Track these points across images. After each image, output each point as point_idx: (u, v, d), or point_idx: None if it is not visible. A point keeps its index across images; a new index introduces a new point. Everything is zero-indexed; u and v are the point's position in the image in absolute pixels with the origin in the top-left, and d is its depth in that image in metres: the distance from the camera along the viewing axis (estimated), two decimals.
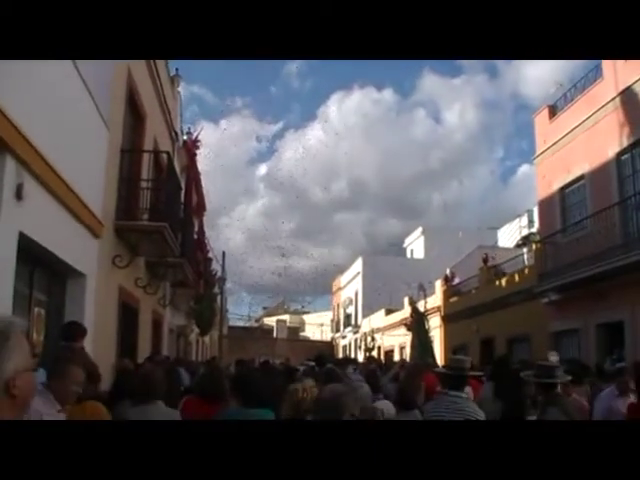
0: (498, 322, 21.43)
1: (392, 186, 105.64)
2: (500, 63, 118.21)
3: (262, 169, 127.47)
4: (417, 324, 24.04)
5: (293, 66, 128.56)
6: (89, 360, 5.88)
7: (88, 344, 7.36)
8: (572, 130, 18.10)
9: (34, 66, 5.92)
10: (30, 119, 5.81)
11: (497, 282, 22.80)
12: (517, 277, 21.23)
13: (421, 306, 25.90)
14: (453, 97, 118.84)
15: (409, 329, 26.18)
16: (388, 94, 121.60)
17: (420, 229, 49.77)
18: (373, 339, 38.79)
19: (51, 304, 7.90)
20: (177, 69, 17.71)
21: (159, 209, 11.44)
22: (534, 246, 21.10)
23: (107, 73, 9.09)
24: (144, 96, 12.17)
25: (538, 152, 20.32)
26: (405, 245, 53.33)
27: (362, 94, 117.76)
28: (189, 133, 19.07)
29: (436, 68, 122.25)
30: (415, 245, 50.45)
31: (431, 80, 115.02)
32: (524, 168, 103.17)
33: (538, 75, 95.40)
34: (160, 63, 13.91)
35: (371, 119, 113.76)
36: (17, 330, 2.00)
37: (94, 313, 8.66)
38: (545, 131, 19.91)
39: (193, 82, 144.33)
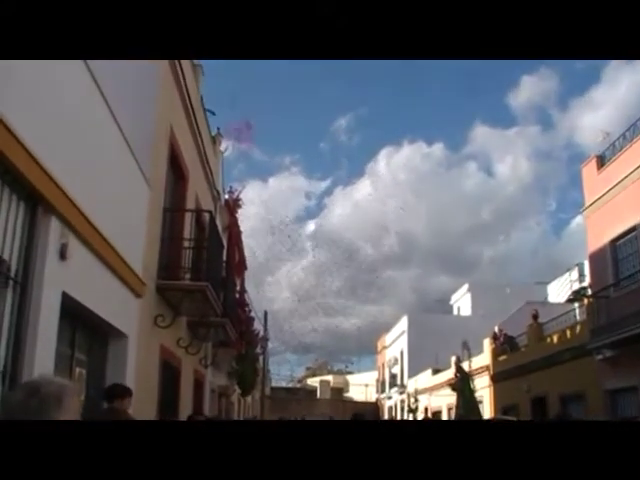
0: (550, 380, 20.87)
1: (442, 241, 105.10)
2: (555, 113, 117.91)
3: (310, 226, 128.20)
4: (461, 383, 23.59)
5: (342, 121, 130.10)
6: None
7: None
8: (621, 180, 17.86)
9: (77, 126, 6.11)
10: (73, 178, 5.96)
11: (548, 339, 22.31)
12: (569, 333, 20.75)
13: (466, 365, 25.44)
14: (505, 149, 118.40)
15: (454, 389, 25.72)
16: (438, 148, 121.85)
17: (466, 285, 49.29)
18: (416, 400, 38.16)
19: (92, 364, 7.95)
20: (218, 128, 18.07)
21: (201, 268, 11.55)
22: (585, 301, 20.66)
23: (149, 132, 9.33)
24: (186, 155, 12.43)
25: (587, 204, 20.07)
26: (452, 302, 52.76)
27: (412, 149, 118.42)
28: (231, 192, 19.39)
29: (488, 120, 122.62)
30: (462, 302, 49.90)
31: (483, 132, 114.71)
32: (578, 220, 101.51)
33: (593, 124, 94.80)
34: (201, 121, 14.24)
35: (421, 174, 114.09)
36: (70, 393, 2.12)
37: (135, 373, 8.69)
38: (594, 182, 19.69)
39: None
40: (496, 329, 29.11)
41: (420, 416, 36.54)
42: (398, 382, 46.37)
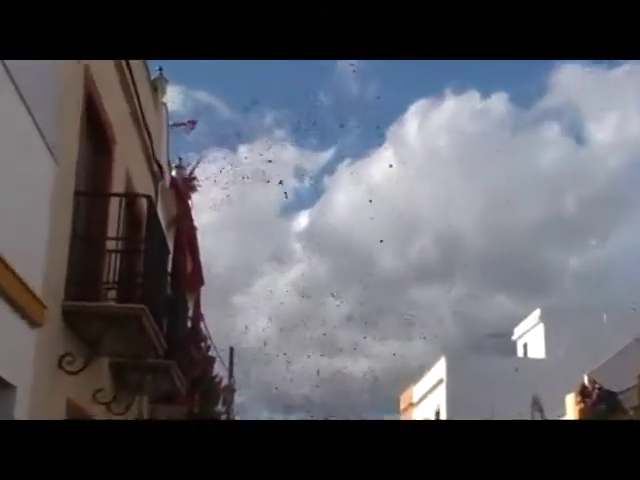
0: None
1: (502, 245, 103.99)
2: None
3: (302, 220, 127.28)
4: None
5: (349, 64, 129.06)
6: None
7: None
8: None
9: None
10: None
11: None
12: None
13: None
14: (607, 100, 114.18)
15: None
16: (500, 101, 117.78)
17: (538, 312, 49.25)
18: None
19: None
20: (161, 68, 17.75)
21: (134, 284, 11.46)
22: None
23: (53, 76, 9.15)
24: (111, 111, 12.30)
25: None
26: (515, 337, 52.81)
27: (458, 102, 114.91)
28: (180, 167, 19.18)
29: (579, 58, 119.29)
30: (530, 337, 49.96)
31: (571, 74, 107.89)
32: None
33: None
34: (135, 61, 14.05)
35: (472, 141, 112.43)
36: None
37: None
38: None
39: (199, 86, 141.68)
40: (586, 380, 29.06)
41: None
42: None
